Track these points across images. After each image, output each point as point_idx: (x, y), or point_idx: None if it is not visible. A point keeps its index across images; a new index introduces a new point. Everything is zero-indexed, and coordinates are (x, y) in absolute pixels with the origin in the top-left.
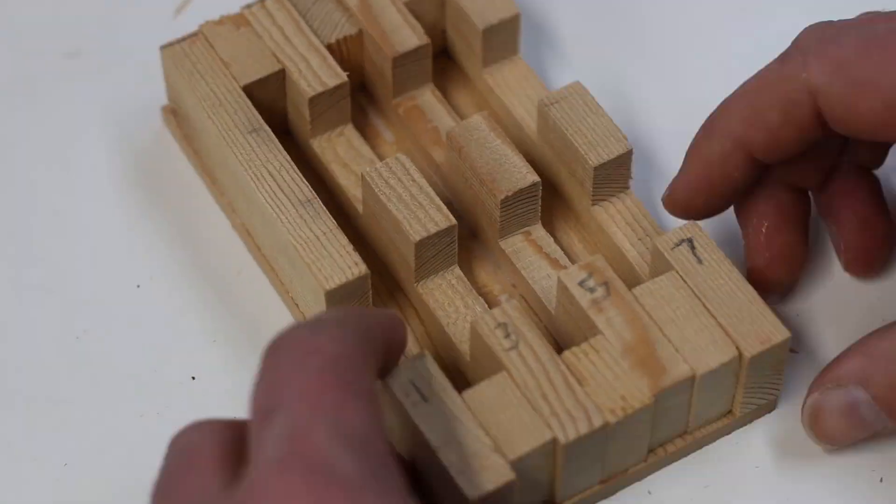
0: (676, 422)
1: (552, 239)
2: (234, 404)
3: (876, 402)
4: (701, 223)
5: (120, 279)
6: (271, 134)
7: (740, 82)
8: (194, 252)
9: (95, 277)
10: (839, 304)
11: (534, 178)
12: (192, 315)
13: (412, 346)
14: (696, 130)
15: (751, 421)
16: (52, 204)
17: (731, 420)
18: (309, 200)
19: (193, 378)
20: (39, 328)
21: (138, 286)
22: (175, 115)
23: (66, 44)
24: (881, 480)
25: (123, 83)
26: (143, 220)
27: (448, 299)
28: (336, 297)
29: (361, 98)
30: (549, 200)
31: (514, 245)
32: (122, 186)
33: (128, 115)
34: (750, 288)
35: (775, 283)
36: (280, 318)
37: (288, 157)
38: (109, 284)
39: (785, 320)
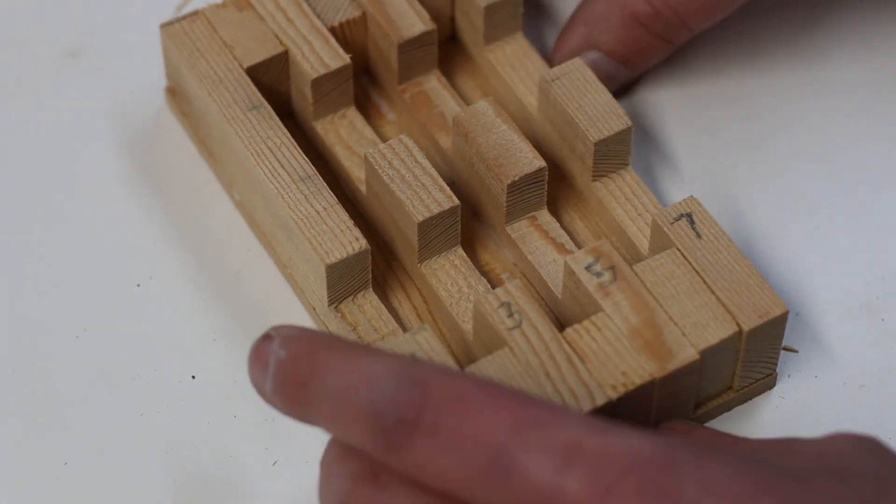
0: (683, 405)
1: (558, 224)
2: (234, 403)
3: (609, 57)
4: (699, 199)
5: (121, 277)
6: (271, 111)
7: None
8: (196, 246)
9: (96, 275)
10: (839, 303)
11: (540, 163)
12: (193, 313)
13: (415, 325)
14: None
15: (750, 398)
16: (52, 200)
17: (731, 395)
18: (309, 176)
19: (194, 377)
20: (39, 326)
21: (138, 285)
22: (174, 94)
23: (66, 41)
24: None
25: (124, 79)
26: (145, 212)
27: (451, 279)
28: (336, 271)
29: (365, 80)
30: (551, 178)
31: (521, 230)
32: (122, 177)
33: (128, 109)
34: (748, 262)
35: None
36: (282, 317)
37: (288, 134)
38: (110, 282)
39: None
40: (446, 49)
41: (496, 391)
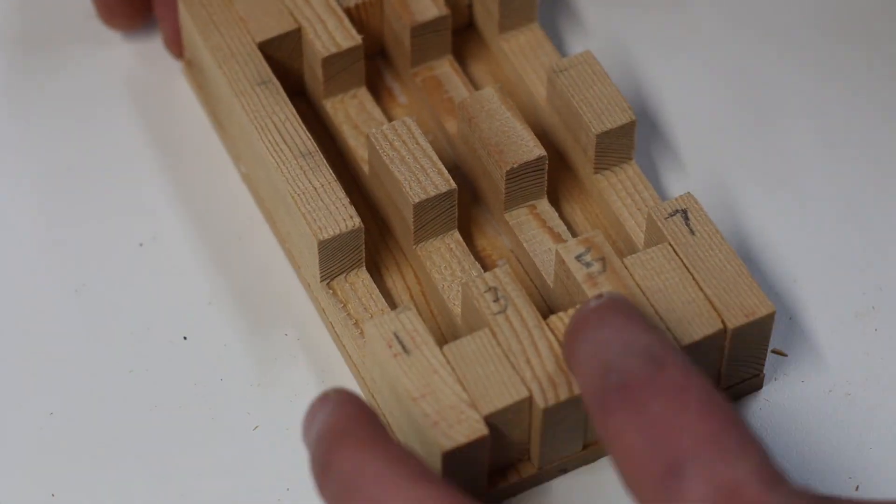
0: None
1: (557, 213)
2: (222, 367)
3: None
4: (696, 196)
5: (124, 236)
6: (279, 87)
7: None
8: (201, 214)
9: (101, 232)
10: (834, 310)
11: (540, 152)
12: (191, 277)
13: (407, 305)
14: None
15: (735, 398)
16: (66, 156)
17: None
18: (310, 153)
19: (185, 338)
20: (40, 277)
21: (141, 244)
22: (191, 66)
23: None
24: (857, 489)
25: (147, 46)
26: (154, 176)
27: (445, 262)
28: (329, 247)
29: (380, 63)
30: (555, 168)
31: (519, 218)
32: (135, 140)
33: (148, 76)
34: (739, 261)
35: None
36: (279, 286)
37: (293, 110)
38: (113, 240)
39: (778, 323)
40: (463, 36)
41: (713, 401)
